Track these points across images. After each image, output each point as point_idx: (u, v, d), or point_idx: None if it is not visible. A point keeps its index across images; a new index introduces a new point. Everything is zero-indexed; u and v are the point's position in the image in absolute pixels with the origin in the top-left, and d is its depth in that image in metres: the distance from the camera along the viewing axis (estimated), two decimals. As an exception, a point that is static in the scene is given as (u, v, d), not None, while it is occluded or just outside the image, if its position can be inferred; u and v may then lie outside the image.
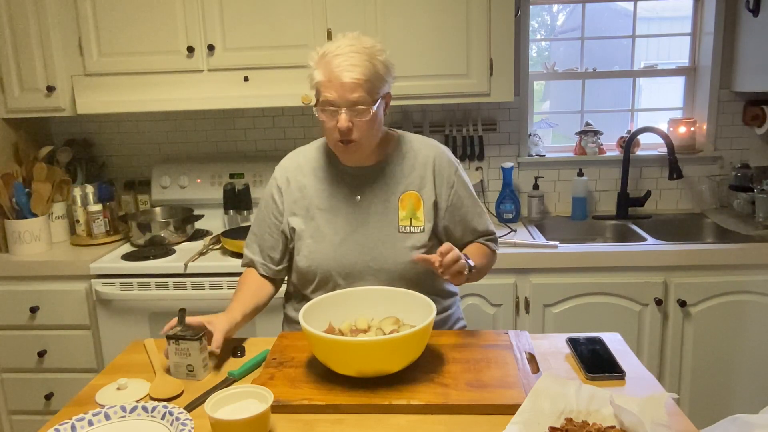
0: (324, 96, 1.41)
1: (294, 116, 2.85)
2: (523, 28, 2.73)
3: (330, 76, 1.39)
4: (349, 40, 1.43)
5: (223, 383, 1.30)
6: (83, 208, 2.57)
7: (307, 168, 1.59)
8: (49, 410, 2.44)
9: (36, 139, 2.76)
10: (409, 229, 1.52)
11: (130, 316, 2.30)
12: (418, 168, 1.55)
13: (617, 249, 2.31)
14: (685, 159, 2.76)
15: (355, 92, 1.39)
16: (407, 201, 1.53)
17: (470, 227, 1.60)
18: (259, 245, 1.62)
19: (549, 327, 2.33)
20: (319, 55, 1.44)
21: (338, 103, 1.40)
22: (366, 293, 1.43)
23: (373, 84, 1.41)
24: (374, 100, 1.42)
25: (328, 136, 1.47)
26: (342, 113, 1.40)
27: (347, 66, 1.38)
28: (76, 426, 1.12)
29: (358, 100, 1.39)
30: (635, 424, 1.01)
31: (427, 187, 1.55)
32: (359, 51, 1.40)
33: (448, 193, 1.56)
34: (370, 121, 1.43)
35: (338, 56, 1.39)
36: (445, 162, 1.57)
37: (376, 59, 1.41)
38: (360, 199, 1.54)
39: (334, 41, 1.44)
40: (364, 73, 1.38)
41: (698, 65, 2.84)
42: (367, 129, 1.44)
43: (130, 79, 2.44)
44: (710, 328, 2.29)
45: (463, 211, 1.58)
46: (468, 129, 2.78)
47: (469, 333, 1.49)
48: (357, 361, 1.21)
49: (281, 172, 1.61)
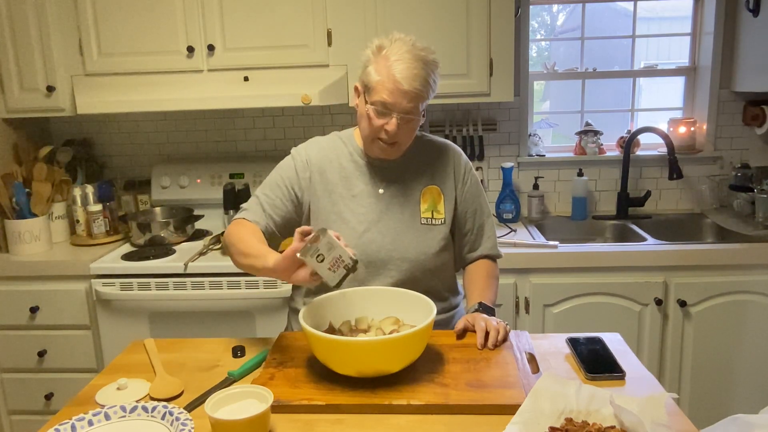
0: (381, 96, 1.43)
1: (294, 116, 2.85)
2: (523, 28, 2.73)
3: (392, 79, 1.41)
4: (408, 45, 1.44)
5: (223, 383, 1.30)
6: (83, 208, 2.56)
7: (330, 156, 1.60)
8: (49, 410, 2.44)
9: (36, 139, 2.76)
10: (431, 221, 1.58)
11: (130, 316, 2.30)
12: (440, 165, 1.61)
13: (617, 249, 2.31)
14: (685, 159, 2.76)
15: (412, 102, 1.43)
16: (428, 194, 1.59)
17: (477, 225, 1.65)
18: (266, 202, 1.56)
19: (549, 327, 2.33)
20: (380, 54, 1.45)
21: (393, 108, 1.43)
22: (366, 293, 1.43)
23: (426, 96, 1.46)
24: (423, 110, 1.49)
25: (370, 132, 1.49)
26: (394, 118, 1.44)
27: (411, 75, 1.41)
28: (76, 426, 1.12)
29: (411, 110, 1.44)
30: (635, 424, 1.01)
31: (448, 183, 1.61)
32: (419, 59, 1.43)
33: (463, 189, 1.62)
34: (413, 129, 1.50)
35: (400, 61, 1.41)
36: (463, 160, 1.64)
37: (432, 72, 1.46)
38: (383, 191, 1.57)
39: (392, 41, 1.46)
40: (423, 84, 1.43)
41: (698, 65, 2.84)
42: (409, 135, 1.51)
43: (130, 79, 2.44)
44: (710, 328, 2.29)
45: (473, 208, 1.64)
46: (468, 129, 2.78)
47: (469, 333, 1.49)
48: (357, 361, 1.21)
49: (307, 158, 1.58)
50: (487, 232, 1.67)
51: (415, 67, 1.41)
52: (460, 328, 1.44)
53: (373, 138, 1.50)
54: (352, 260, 1.24)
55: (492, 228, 1.68)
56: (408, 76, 1.41)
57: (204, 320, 2.29)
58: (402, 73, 1.41)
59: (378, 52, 1.46)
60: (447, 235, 1.59)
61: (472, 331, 1.44)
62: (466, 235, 1.64)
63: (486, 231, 1.66)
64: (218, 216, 2.75)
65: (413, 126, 1.49)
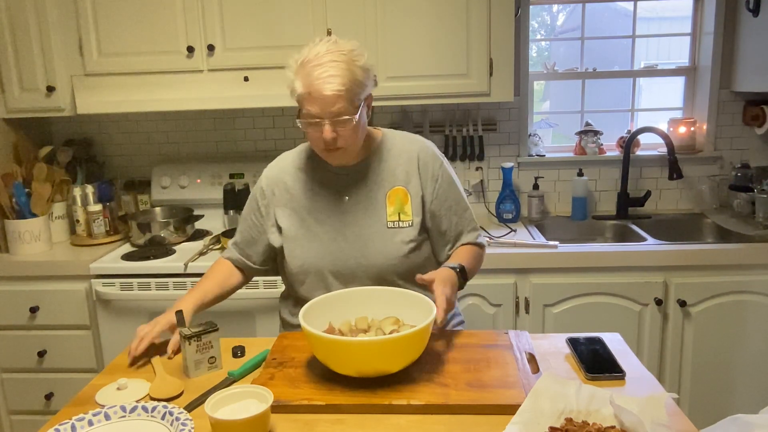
0: (306, 109, 1.41)
1: (294, 116, 2.85)
2: (523, 28, 2.73)
3: (310, 89, 1.38)
4: (327, 45, 1.41)
5: (223, 383, 1.30)
6: (83, 208, 2.57)
7: (292, 171, 1.60)
8: (49, 410, 2.44)
9: (36, 139, 2.76)
10: (397, 224, 1.54)
11: (130, 316, 2.30)
12: (403, 163, 1.56)
13: (617, 249, 2.31)
14: (685, 159, 2.76)
15: (337, 104, 1.38)
16: (395, 197, 1.55)
17: (455, 221, 1.59)
18: (240, 239, 1.66)
19: (549, 327, 2.33)
20: (298, 63, 1.42)
21: (321, 116, 1.40)
22: (366, 293, 1.43)
23: (353, 92, 1.40)
24: (356, 108, 1.42)
25: (314, 145, 1.49)
26: (326, 124, 1.40)
27: (327, 78, 1.36)
28: (76, 426, 1.12)
29: (340, 111, 1.39)
30: (635, 424, 1.01)
31: (413, 181, 1.56)
32: (337, 59, 1.38)
33: (433, 187, 1.56)
34: (353, 128, 1.43)
35: (317, 67, 1.37)
36: (430, 156, 1.58)
37: (354, 65, 1.40)
38: (348, 199, 1.55)
39: (311, 47, 1.42)
40: (344, 83, 1.37)
41: (698, 65, 2.84)
42: (351, 136, 1.44)
43: (129, 79, 2.44)
44: (710, 328, 2.29)
45: (447, 204, 1.58)
46: (468, 129, 2.78)
47: (469, 333, 1.49)
48: (357, 361, 1.21)
49: (266, 179, 1.62)
50: (468, 225, 1.61)
51: (332, 68, 1.36)
52: (426, 279, 1.39)
53: (320, 150, 1.48)
54: (210, 363, 1.38)
55: (471, 221, 1.62)
56: (326, 79, 1.36)
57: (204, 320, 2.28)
58: (320, 78, 1.36)
59: (297, 63, 1.42)
60: (416, 237, 1.54)
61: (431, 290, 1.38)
62: (445, 234, 1.59)
63: (465, 226, 1.61)
64: (218, 216, 2.75)
65: (351, 125, 1.42)
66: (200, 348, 1.35)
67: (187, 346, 1.34)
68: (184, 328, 1.36)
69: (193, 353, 1.35)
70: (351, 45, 1.44)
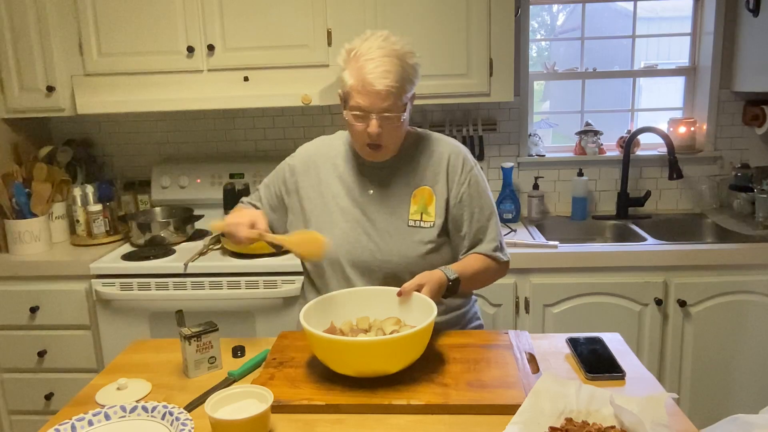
0: (355, 101, 1.41)
1: (294, 116, 2.85)
2: (523, 28, 2.73)
3: (362, 81, 1.38)
4: (380, 41, 1.41)
5: (223, 383, 1.30)
6: (83, 208, 2.56)
7: (329, 156, 1.60)
8: (49, 410, 2.44)
9: (36, 139, 2.76)
10: (418, 224, 1.52)
11: (130, 316, 2.30)
12: (433, 164, 1.56)
13: (617, 249, 2.31)
14: (685, 159, 2.76)
15: (387, 100, 1.39)
16: (419, 196, 1.54)
17: (475, 228, 1.55)
18: (256, 202, 1.66)
19: (549, 327, 2.33)
20: (351, 55, 1.42)
21: (369, 110, 1.40)
22: (368, 293, 1.43)
23: (404, 89, 1.41)
24: (404, 105, 1.43)
25: (356, 138, 1.48)
26: (373, 119, 1.40)
27: (381, 72, 1.37)
28: (76, 426, 1.12)
29: (389, 108, 1.40)
30: (635, 424, 1.02)
31: (440, 182, 1.55)
32: (390, 54, 1.38)
33: (458, 190, 1.54)
34: (398, 126, 1.44)
35: (370, 61, 1.38)
36: (461, 159, 1.56)
37: (407, 63, 1.41)
38: (372, 192, 1.55)
39: (363, 40, 1.42)
40: (396, 80, 1.38)
41: (698, 65, 2.84)
42: (395, 133, 1.46)
43: (130, 79, 2.44)
44: (710, 328, 2.29)
45: (470, 210, 1.55)
46: (468, 129, 2.78)
47: (469, 333, 1.49)
48: (356, 361, 1.21)
49: (300, 158, 1.62)
50: (488, 235, 1.56)
51: (385, 63, 1.37)
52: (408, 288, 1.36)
53: (361, 145, 1.48)
54: (210, 363, 1.39)
55: (494, 231, 1.57)
56: (379, 74, 1.36)
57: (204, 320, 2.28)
58: (373, 73, 1.37)
59: (348, 55, 1.42)
60: (436, 239, 1.52)
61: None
62: (464, 238, 1.55)
63: (486, 234, 1.56)
64: (218, 216, 2.75)
65: (396, 124, 1.43)
66: (200, 348, 1.36)
67: (187, 346, 1.34)
68: (184, 328, 1.36)
69: (193, 353, 1.35)
70: (402, 41, 1.44)
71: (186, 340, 1.34)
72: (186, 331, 1.35)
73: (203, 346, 1.36)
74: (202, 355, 1.36)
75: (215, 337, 1.38)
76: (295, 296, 2.22)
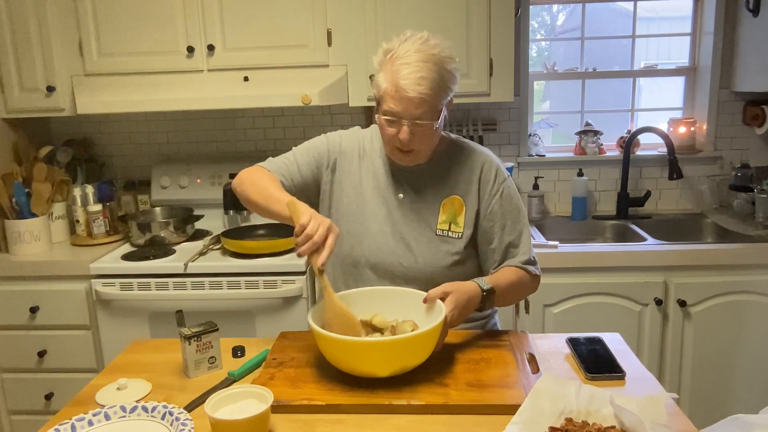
0: (388, 105, 1.36)
1: (294, 116, 2.85)
2: (523, 28, 2.73)
3: (396, 86, 1.33)
4: (418, 44, 1.36)
5: (223, 383, 1.30)
6: (83, 208, 2.56)
7: (365, 148, 1.56)
8: (49, 410, 2.44)
9: (36, 139, 2.76)
10: (446, 234, 1.48)
11: (130, 316, 2.30)
12: (465, 173, 1.51)
13: (617, 249, 2.31)
14: (685, 159, 2.76)
15: (421, 107, 1.34)
16: (449, 205, 1.50)
17: (507, 241, 1.50)
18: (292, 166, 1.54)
19: (549, 327, 2.33)
20: (387, 57, 1.37)
21: (402, 116, 1.35)
22: (388, 293, 1.41)
23: (439, 97, 1.36)
24: (438, 113, 1.38)
25: (387, 141, 1.44)
26: (405, 125, 1.36)
27: (416, 79, 1.32)
28: (76, 426, 1.12)
29: (422, 115, 1.35)
30: (635, 424, 1.01)
31: (472, 193, 1.50)
32: (428, 60, 1.33)
33: (490, 202, 1.50)
34: (431, 133, 1.40)
35: (406, 65, 1.33)
36: (494, 170, 1.52)
37: (444, 69, 1.36)
38: (402, 196, 1.51)
39: (402, 41, 1.37)
40: (432, 87, 1.33)
41: (698, 65, 2.84)
42: (427, 140, 1.41)
43: (129, 79, 2.44)
44: (710, 328, 2.29)
45: (501, 222, 1.50)
46: (468, 129, 2.78)
47: (469, 333, 1.49)
48: (354, 361, 1.22)
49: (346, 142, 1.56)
50: (520, 249, 1.50)
51: (420, 70, 1.32)
52: (444, 291, 1.33)
53: (391, 149, 1.44)
54: (210, 363, 1.38)
55: (527, 245, 1.51)
56: (413, 81, 1.31)
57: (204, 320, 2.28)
58: (406, 79, 1.32)
59: (385, 56, 1.37)
60: (463, 250, 1.48)
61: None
62: (494, 251, 1.50)
63: (519, 248, 1.50)
64: (218, 216, 2.75)
65: (429, 131, 1.38)
66: (200, 348, 1.36)
67: (187, 346, 1.34)
68: (184, 328, 1.37)
69: (193, 353, 1.35)
70: (442, 45, 1.39)
71: (186, 340, 1.34)
72: (186, 331, 1.35)
73: (203, 346, 1.36)
74: (202, 355, 1.36)
75: (215, 337, 1.38)
76: (295, 296, 2.22)
